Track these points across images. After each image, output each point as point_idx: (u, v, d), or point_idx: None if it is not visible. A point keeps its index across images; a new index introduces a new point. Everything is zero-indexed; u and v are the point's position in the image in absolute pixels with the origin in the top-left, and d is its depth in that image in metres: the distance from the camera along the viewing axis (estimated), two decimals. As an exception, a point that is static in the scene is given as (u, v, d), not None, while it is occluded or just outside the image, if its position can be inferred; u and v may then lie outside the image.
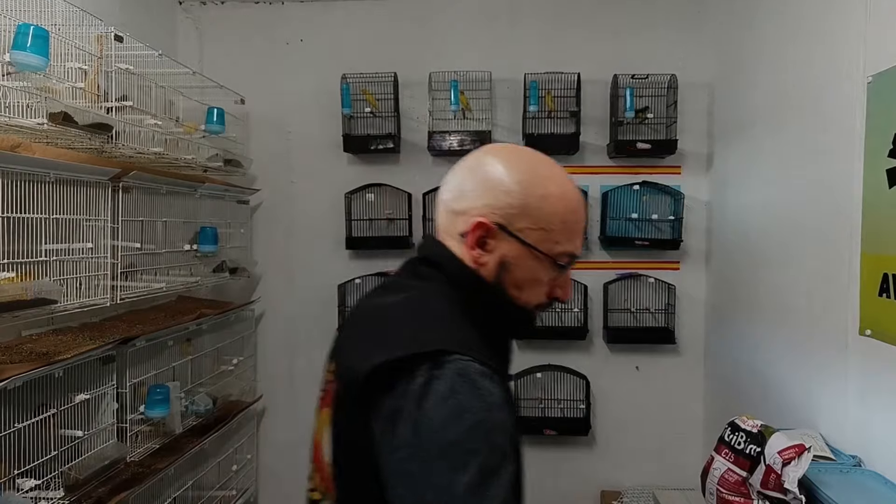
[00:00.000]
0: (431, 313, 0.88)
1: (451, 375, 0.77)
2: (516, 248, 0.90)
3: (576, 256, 0.94)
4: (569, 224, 0.91)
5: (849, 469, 1.65)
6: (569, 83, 3.00)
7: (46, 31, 1.66)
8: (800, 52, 2.13)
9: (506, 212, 0.89)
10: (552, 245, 0.90)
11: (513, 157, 0.94)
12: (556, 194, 0.90)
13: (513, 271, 0.91)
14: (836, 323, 1.83)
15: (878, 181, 1.62)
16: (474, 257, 0.91)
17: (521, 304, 0.94)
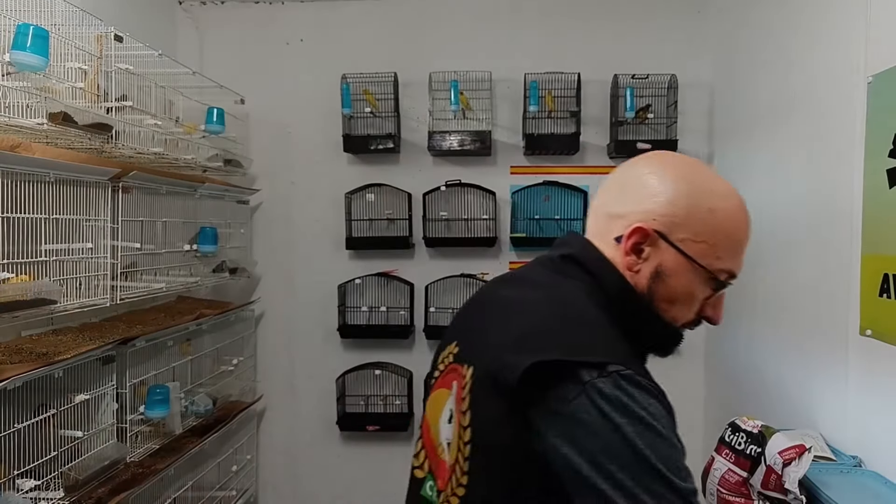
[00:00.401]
0: (589, 319, 0.84)
1: (626, 387, 0.74)
2: (674, 258, 0.86)
3: (735, 276, 0.90)
4: (734, 241, 0.88)
5: (849, 469, 1.65)
6: (569, 83, 3.00)
7: (46, 31, 1.66)
8: (800, 52, 2.12)
9: (668, 220, 0.85)
10: (713, 260, 0.86)
11: (681, 167, 0.89)
12: (724, 209, 0.87)
13: (667, 283, 0.87)
14: (836, 323, 1.83)
15: (879, 181, 1.61)
16: (628, 263, 0.88)
17: (668, 319, 0.89)
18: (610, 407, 0.72)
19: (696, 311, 0.90)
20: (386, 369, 3.16)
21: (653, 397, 0.75)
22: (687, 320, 0.91)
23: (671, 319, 0.90)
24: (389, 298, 3.17)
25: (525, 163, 3.14)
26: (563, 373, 0.74)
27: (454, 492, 0.84)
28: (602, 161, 3.11)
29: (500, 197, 3.10)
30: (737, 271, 0.90)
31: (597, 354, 0.76)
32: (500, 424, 0.79)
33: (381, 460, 3.21)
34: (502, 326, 0.86)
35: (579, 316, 0.83)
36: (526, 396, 0.76)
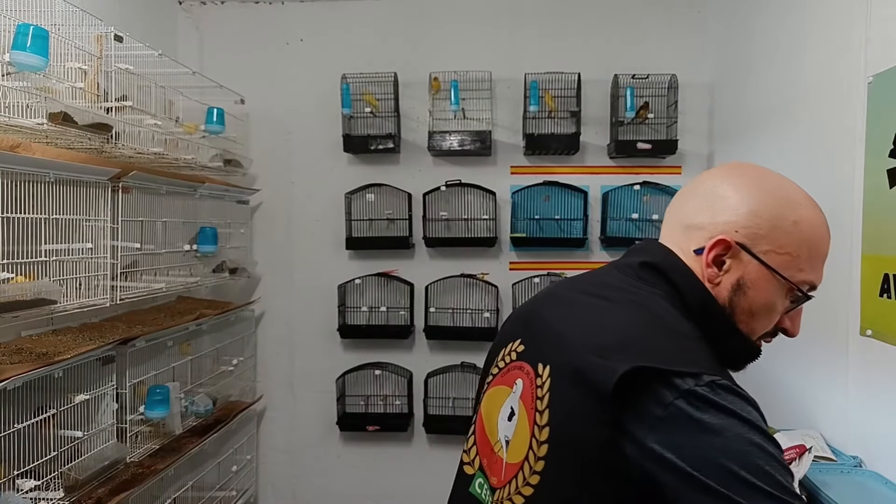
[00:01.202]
0: (679, 328, 0.83)
1: (723, 394, 0.74)
2: (757, 270, 0.86)
3: (815, 287, 0.90)
4: (816, 252, 0.89)
5: (850, 470, 1.65)
6: (569, 83, 3.00)
7: (46, 31, 1.65)
8: (800, 52, 2.12)
9: (751, 232, 0.85)
10: (796, 272, 0.87)
11: (761, 177, 0.90)
12: (807, 220, 0.88)
13: (748, 295, 0.87)
14: (836, 323, 1.82)
15: (879, 181, 1.61)
16: (709, 276, 0.87)
17: (747, 331, 0.89)
18: (713, 411, 0.72)
19: (774, 322, 0.90)
20: (386, 369, 3.16)
21: (749, 405, 0.75)
22: (766, 332, 0.91)
23: (749, 332, 0.89)
24: (389, 298, 3.17)
25: (525, 163, 3.14)
26: (661, 380, 0.74)
27: (519, 490, 0.83)
28: (602, 161, 3.11)
29: (500, 197, 3.10)
30: (818, 283, 0.90)
31: (692, 364, 0.76)
32: (587, 424, 0.78)
33: (381, 460, 3.21)
34: (587, 329, 0.86)
35: (671, 325, 0.83)
36: (620, 401, 0.75)
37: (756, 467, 0.70)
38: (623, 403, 0.75)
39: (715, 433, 0.71)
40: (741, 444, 0.71)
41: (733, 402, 0.74)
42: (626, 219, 3.04)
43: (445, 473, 3.69)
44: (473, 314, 3.12)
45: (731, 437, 0.71)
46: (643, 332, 0.81)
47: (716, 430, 0.71)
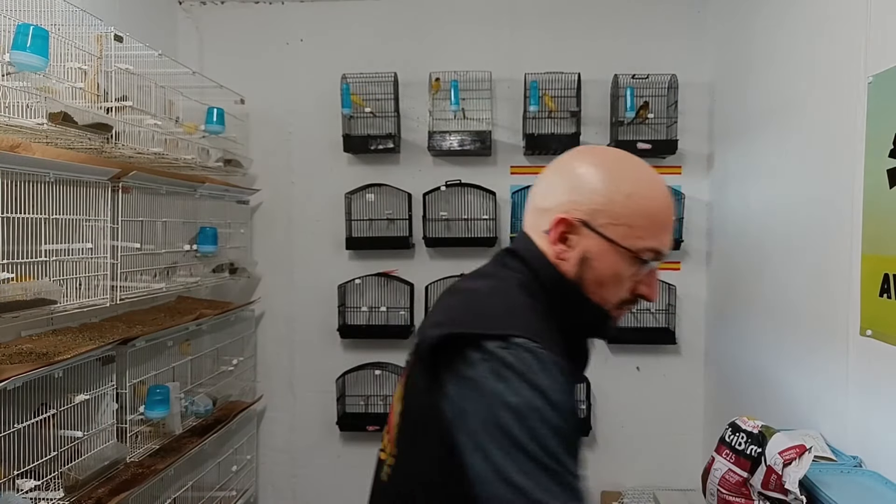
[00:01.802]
0: (509, 300, 0.92)
1: (525, 357, 0.81)
2: (598, 243, 0.92)
3: (661, 253, 0.94)
4: (654, 221, 0.92)
5: (850, 470, 1.65)
6: (569, 83, 3.00)
7: (46, 31, 1.65)
8: (800, 52, 2.12)
9: (590, 208, 0.91)
10: (635, 240, 0.91)
11: (600, 157, 0.97)
12: (641, 193, 0.92)
13: (594, 267, 0.93)
14: (836, 323, 1.82)
15: (879, 181, 1.61)
16: (556, 252, 0.94)
17: (598, 301, 0.95)
18: (509, 373, 0.80)
19: (627, 289, 0.95)
20: (386, 369, 3.16)
21: (545, 369, 0.81)
22: (620, 299, 0.96)
23: (602, 300, 0.95)
24: (389, 298, 3.17)
25: (525, 163, 3.14)
26: (473, 344, 0.83)
27: (389, 463, 0.97)
28: (602, 161, 3.11)
29: (500, 197, 3.10)
30: (662, 248, 0.94)
31: (503, 328, 0.84)
32: (420, 392, 0.90)
33: (381, 460, 3.20)
34: (442, 312, 0.97)
35: (500, 297, 0.92)
36: (438, 365, 0.86)
37: (529, 430, 0.77)
38: (442, 368, 0.85)
39: (499, 393, 0.79)
40: (520, 406, 0.78)
41: (528, 364, 0.80)
42: (626, 219, 3.03)
43: (445, 473, 3.63)
44: (473, 314, 3.11)
45: (512, 398, 0.78)
46: (474, 306, 0.92)
47: (499, 390, 0.79)
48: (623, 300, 0.96)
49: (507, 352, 0.81)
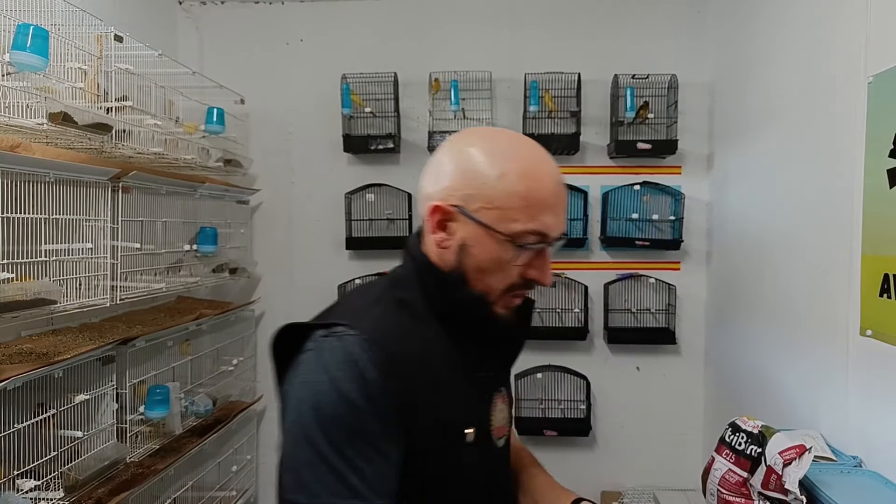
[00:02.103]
0: (364, 295, 0.96)
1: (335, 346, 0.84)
2: (474, 229, 0.88)
3: (544, 235, 0.89)
4: (529, 201, 0.87)
5: (850, 470, 1.65)
6: (569, 83, 3.00)
7: (46, 31, 1.65)
8: (800, 52, 2.12)
9: (464, 193, 0.88)
10: (510, 224, 0.87)
11: (479, 137, 0.94)
12: (514, 171, 0.87)
13: (472, 253, 0.89)
14: (836, 323, 1.82)
15: (879, 181, 1.61)
16: (438, 241, 0.92)
17: (483, 288, 0.91)
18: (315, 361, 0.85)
19: (516, 274, 0.91)
20: (386, 369, 3.16)
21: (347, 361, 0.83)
22: (508, 285, 0.92)
23: (486, 288, 0.91)
24: (389, 298, 3.17)
25: (525, 163, 3.14)
26: (307, 334, 0.88)
27: None
28: (602, 161, 3.11)
29: (500, 197, 3.09)
30: (545, 230, 0.88)
31: (333, 319, 0.88)
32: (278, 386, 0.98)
33: (381, 460, 3.20)
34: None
35: (359, 292, 0.97)
36: (281, 358, 0.93)
37: (317, 422, 0.83)
38: (286, 360, 0.91)
39: (303, 383, 0.86)
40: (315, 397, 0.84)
41: (332, 354, 0.84)
42: (626, 219, 3.04)
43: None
44: (473, 314, 3.11)
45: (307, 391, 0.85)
46: (335, 303, 1.00)
47: (304, 379, 0.86)
48: (512, 286, 0.92)
49: (325, 340, 0.85)
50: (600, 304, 3.10)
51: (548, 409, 3.09)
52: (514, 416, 3.06)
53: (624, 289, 3.11)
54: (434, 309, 0.92)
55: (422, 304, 0.93)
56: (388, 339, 0.86)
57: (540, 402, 3.09)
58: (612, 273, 3.11)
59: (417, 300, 0.93)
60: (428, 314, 0.92)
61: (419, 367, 0.88)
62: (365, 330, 0.85)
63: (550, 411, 3.09)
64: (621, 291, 3.11)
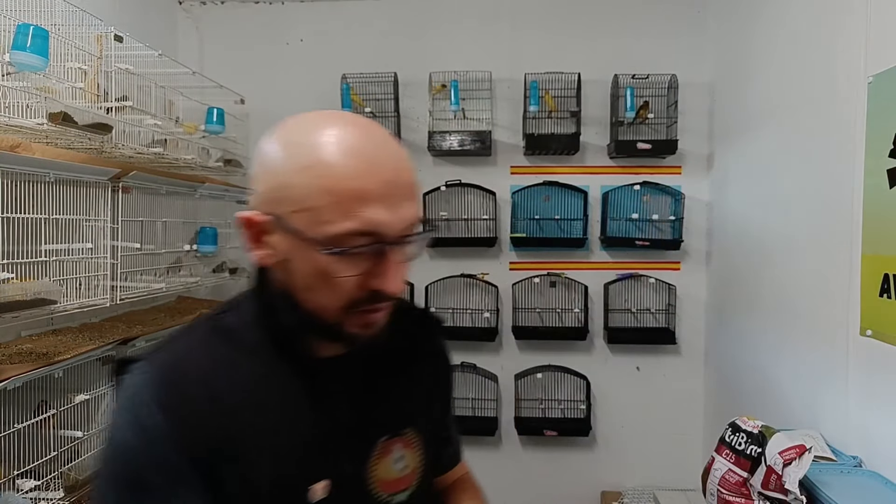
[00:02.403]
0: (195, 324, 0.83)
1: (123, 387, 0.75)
2: (290, 239, 0.71)
3: (375, 234, 0.69)
4: (343, 195, 0.67)
5: (850, 470, 1.65)
6: (569, 83, 3.00)
7: (46, 31, 1.65)
8: (800, 52, 2.12)
9: (272, 197, 0.71)
10: (322, 227, 0.68)
11: (280, 127, 0.74)
12: (322, 161, 0.68)
13: (293, 268, 0.72)
14: (836, 323, 1.82)
15: (879, 181, 1.61)
16: (260, 259, 0.75)
17: (316, 308, 0.73)
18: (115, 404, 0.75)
19: (352, 288, 0.72)
20: (386, 369, 3.16)
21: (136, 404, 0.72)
22: (346, 302, 0.73)
23: (320, 307, 0.73)
24: (389, 298, 3.17)
25: (525, 163, 3.14)
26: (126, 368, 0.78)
27: None
28: (602, 161, 3.11)
29: (500, 197, 3.10)
30: (373, 228, 0.69)
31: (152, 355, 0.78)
32: None
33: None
34: None
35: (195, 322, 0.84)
36: None
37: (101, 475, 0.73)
38: None
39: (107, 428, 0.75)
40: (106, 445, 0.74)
41: (123, 394, 0.74)
42: (626, 219, 3.04)
43: (445, 473, 3.59)
44: (473, 314, 3.12)
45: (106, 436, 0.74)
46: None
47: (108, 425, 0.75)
48: (354, 301, 0.73)
49: (124, 378, 0.75)
50: (600, 304, 3.10)
51: (548, 409, 3.09)
52: (515, 417, 3.07)
53: (624, 289, 3.11)
54: (271, 332, 0.78)
55: (255, 332, 0.78)
56: (187, 376, 0.73)
57: (540, 401, 3.09)
58: (612, 273, 3.11)
59: (249, 328, 0.78)
60: (263, 345, 0.77)
61: (233, 409, 0.73)
62: (158, 365, 0.74)
63: (550, 411, 3.09)
64: (621, 291, 3.11)
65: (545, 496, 3.16)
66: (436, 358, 0.97)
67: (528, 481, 3.16)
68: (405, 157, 0.77)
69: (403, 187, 0.73)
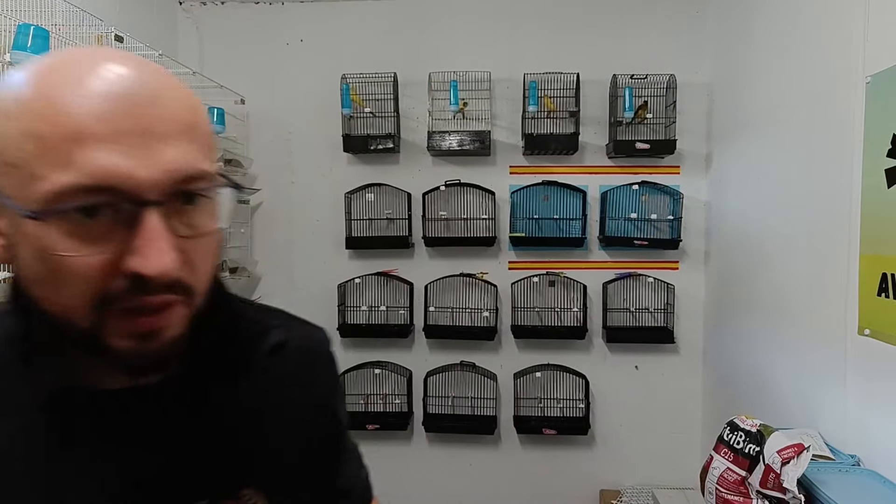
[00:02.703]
0: None
1: None
2: (8, 216, 0.51)
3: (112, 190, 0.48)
4: (51, 137, 0.47)
5: (848, 468, 1.65)
6: (568, 83, 3.01)
7: (47, 31, 1.66)
8: (799, 52, 2.13)
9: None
10: (33, 185, 0.48)
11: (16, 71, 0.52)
12: (27, 97, 0.49)
13: (19, 256, 0.51)
14: (834, 322, 1.83)
15: (877, 181, 1.62)
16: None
17: (57, 310, 0.51)
18: None
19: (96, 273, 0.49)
20: (385, 368, 3.16)
21: None
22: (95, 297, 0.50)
23: (61, 309, 0.51)
24: (389, 298, 3.18)
25: (524, 162, 3.15)
26: None
27: None
28: (601, 161, 3.12)
29: (499, 196, 3.10)
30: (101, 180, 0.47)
31: None
32: None
33: (380, 459, 3.19)
34: None
35: None
36: None
37: None
38: None
39: None
40: None
41: None
42: (625, 218, 3.05)
43: (445, 471, 3.70)
44: (472, 313, 3.12)
45: None
46: None
47: None
48: (108, 295, 0.50)
49: None
50: (599, 304, 3.11)
51: (546, 407, 3.10)
52: (514, 416, 3.08)
53: (622, 288, 3.11)
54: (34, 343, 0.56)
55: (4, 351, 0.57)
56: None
57: (539, 400, 3.10)
58: (610, 272, 3.12)
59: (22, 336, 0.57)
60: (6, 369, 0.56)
61: None
62: None
63: (549, 410, 3.10)
64: (620, 291, 3.11)
65: (544, 495, 3.17)
66: (298, 388, 0.70)
67: (527, 480, 3.17)
68: (171, 86, 0.53)
69: (161, 122, 0.50)
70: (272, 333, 0.71)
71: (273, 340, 0.70)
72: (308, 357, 0.73)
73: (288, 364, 0.70)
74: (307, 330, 0.76)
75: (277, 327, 0.72)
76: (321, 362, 0.75)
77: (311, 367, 0.73)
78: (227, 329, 0.64)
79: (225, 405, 0.64)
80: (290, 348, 0.71)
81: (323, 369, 0.75)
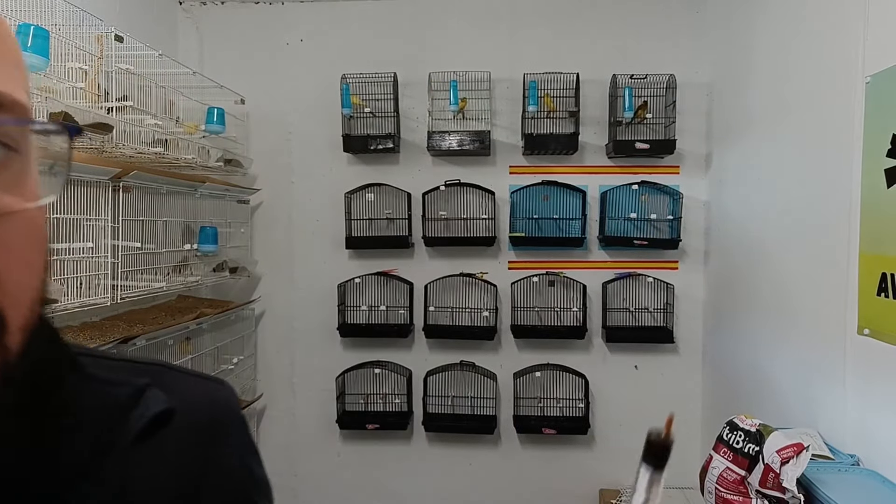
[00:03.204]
0: None
1: None
2: None
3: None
4: None
5: (847, 468, 1.66)
6: (568, 83, 3.01)
7: (47, 30, 1.66)
8: (799, 52, 2.13)
9: None
10: None
11: None
12: None
13: None
14: (834, 322, 1.83)
15: (877, 181, 1.62)
16: None
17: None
18: None
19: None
20: (385, 368, 3.17)
21: None
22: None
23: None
24: (389, 297, 3.18)
25: (524, 162, 3.15)
26: None
27: None
28: (601, 161, 3.12)
29: (499, 196, 3.10)
30: None
31: None
32: None
33: (380, 458, 3.21)
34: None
35: None
36: None
37: None
38: None
39: None
40: None
41: None
42: (625, 218, 3.05)
43: (444, 471, 3.70)
44: (472, 313, 3.13)
45: None
46: None
47: None
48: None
49: None
50: (598, 303, 3.11)
51: (546, 407, 3.10)
52: (514, 415, 3.08)
53: (622, 288, 3.12)
54: None
55: None
56: None
57: (539, 400, 3.10)
58: (610, 272, 3.12)
59: None
60: None
61: None
62: None
63: (549, 409, 3.10)
64: (619, 290, 3.12)
65: (544, 494, 3.17)
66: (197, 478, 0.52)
67: (527, 479, 3.17)
68: None
69: None
70: (147, 399, 0.47)
71: (151, 411, 0.46)
72: (212, 431, 0.51)
73: (180, 444, 0.48)
74: (203, 388, 0.53)
75: (150, 386, 0.48)
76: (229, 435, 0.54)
77: (217, 445, 0.52)
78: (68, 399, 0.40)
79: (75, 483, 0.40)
80: (180, 420, 0.49)
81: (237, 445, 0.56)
